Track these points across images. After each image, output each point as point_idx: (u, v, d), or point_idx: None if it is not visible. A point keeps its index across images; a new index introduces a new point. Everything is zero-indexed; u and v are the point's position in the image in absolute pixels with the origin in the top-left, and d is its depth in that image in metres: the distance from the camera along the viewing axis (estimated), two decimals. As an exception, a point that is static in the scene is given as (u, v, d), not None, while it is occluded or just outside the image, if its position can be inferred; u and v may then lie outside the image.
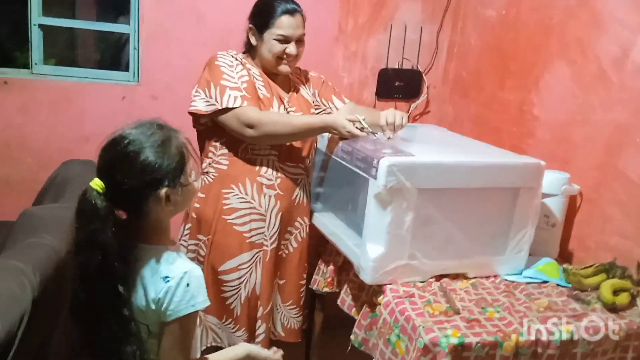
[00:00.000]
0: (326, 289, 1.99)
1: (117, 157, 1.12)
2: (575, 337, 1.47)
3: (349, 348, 1.68)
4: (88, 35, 2.85)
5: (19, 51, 2.58)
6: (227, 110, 1.71)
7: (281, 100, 1.86)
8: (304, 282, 2.01)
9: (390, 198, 1.55)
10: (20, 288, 1.23)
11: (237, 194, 1.81)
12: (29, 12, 2.35)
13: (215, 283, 1.82)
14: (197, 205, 1.84)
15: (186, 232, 1.89)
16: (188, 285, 1.15)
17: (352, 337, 1.66)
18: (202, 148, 1.90)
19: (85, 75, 2.47)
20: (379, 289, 1.63)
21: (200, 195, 1.83)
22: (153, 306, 1.15)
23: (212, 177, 1.84)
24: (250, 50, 1.89)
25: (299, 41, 1.84)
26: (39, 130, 2.38)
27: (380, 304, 1.60)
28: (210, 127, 1.82)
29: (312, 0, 2.50)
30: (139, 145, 1.12)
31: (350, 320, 1.78)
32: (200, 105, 1.75)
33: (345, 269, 1.78)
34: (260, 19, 1.81)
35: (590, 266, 1.73)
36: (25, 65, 2.44)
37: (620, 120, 1.76)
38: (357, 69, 2.67)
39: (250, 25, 1.84)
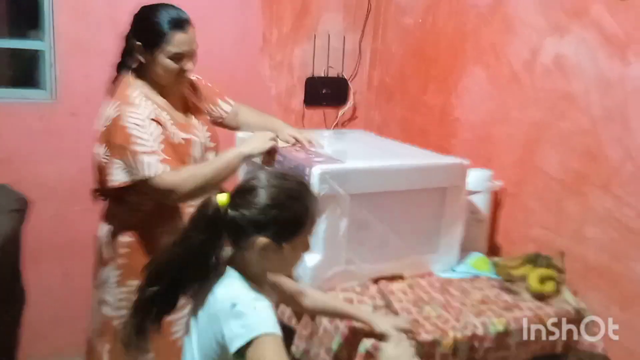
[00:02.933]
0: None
1: (246, 186, 1.13)
2: (509, 328, 1.54)
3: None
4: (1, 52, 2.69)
5: None
6: (149, 178, 1.54)
7: (194, 133, 1.73)
8: None
9: (324, 205, 1.55)
10: None
11: (171, 231, 1.59)
12: None
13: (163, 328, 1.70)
14: (125, 249, 1.68)
15: (115, 279, 1.70)
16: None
17: (292, 348, 1.65)
18: (114, 195, 1.69)
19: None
20: (318, 297, 1.63)
21: (127, 239, 1.68)
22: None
23: (137, 219, 1.68)
24: (139, 68, 1.69)
25: (194, 54, 1.68)
26: (-52, 155, 2.22)
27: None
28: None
29: (234, 10, 2.52)
30: (265, 186, 1.11)
31: (289, 332, 1.77)
32: (122, 177, 1.58)
33: (283, 279, 1.77)
34: (148, 37, 1.62)
35: (518, 258, 1.82)
36: None
37: (535, 118, 1.87)
38: (284, 78, 2.68)
39: (138, 43, 1.63)
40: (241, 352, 1.02)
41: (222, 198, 1.11)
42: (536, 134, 1.87)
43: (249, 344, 1.01)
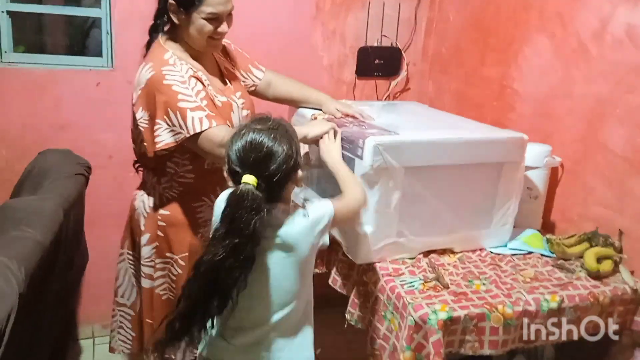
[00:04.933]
0: (315, 270, 1.99)
1: (264, 155, 1.23)
2: (562, 306, 1.50)
3: (345, 325, 1.69)
4: (55, 20, 2.76)
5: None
6: (196, 135, 1.52)
7: (232, 98, 1.71)
8: None
9: (377, 177, 1.55)
10: (6, 284, 1.20)
11: (210, 205, 1.65)
12: (-5, -2, 2.27)
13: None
14: (162, 223, 1.70)
15: (152, 251, 1.73)
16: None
17: (347, 315, 1.68)
18: (153, 166, 1.70)
19: (58, 62, 2.39)
20: (368, 268, 1.64)
21: (165, 212, 1.69)
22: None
23: (176, 192, 1.69)
24: (172, 30, 1.66)
25: (229, 15, 1.63)
26: (13, 120, 2.31)
27: (370, 282, 1.62)
28: (173, 149, 1.61)
29: (288, -23, 2.49)
30: (272, 143, 1.24)
31: (338, 300, 1.79)
32: (167, 138, 1.55)
33: (334, 249, 1.78)
34: None
35: (573, 236, 1.77)
36: (-6, 53, 2.36)
37: (602, 92, 1.78)
38: (336, 48, 2.65)
39: (172, 2, 1.57)
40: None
41: (249, 180, 1.21)
42: (601, 109, 1.78)
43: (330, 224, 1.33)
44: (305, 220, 1.30)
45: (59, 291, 1.78)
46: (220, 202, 1.29)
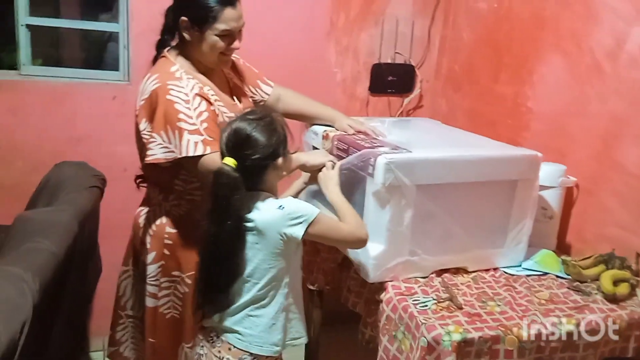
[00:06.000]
0: (326, 287, 1.98)
1: (242, 140, 1.37)
2: (579, 329, 1.48)
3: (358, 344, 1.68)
4: (72, 33, 2.81)
5: (4, 51, 2.54)
6: (188, 157, 1.50)
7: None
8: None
9: (389, 195, 1.54)
10: (20, 295, 1.21)
11: None
12: (15, 12, 2.31)
13: None
14: (169, 241, 1.68)
15: (157, 270, 1.70)
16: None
17: (359, 335, 1.66)
18: (161, 182, 1.68)
19: (75, 75, 2.43)
20: (380, 286, 1.63)
21: (172, 230, 1.68)
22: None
23: (184, 210, 1.68)
24: (181, 45, 1.65)
25: (239, 31, 1.61)
26: (29, 132, 2.35)
27: (382, 301, 1.60)
28: (177, 163, 1.58)
29: (303, -4, 2.52)
30: (250, 130, 1.38)
31: (348, 317, 1.78)
32: (159, 154, 1.54)
33: (345, 266, 1.77)
34: (198, 12, 1.55)
35: (589, 257, 1.74)
36: (12, 66, 2.40)
37: (617, 111, 1.77)
38: (350, 64, 2.66)
39: (184, 19, 1.57)
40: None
41: (228, 162, 1.36)
42: (617, 128, 1.77)
43: (309, 225, 1.39)
44: (279, 211, 1.39)
45: (71, 303, 1.79)
46: None
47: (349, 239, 1.49)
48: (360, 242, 1.49)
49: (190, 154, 1.49)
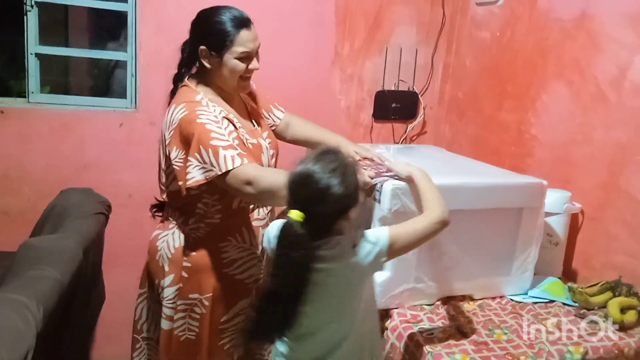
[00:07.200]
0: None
1: (312, 193, 1.21)
2: (586, 358, 1.46)
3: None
4: (80, 61, 2.86)
5: (14, 79, 2.58)
6: (226, 173, 1.51)
7: (260, 140, 1.73)
8: None
9: (395, 222, 1.54)
10: (24, 323, 1.20)
11: (235, 244, 1.69)
12: (25, 41, 2.35)
13: (215, 334, 1.72)
14: (187, 264, 1.68)
15: (175, 293, 1.70)
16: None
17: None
18: (182, 206, 1.70)
19: (83, 103, 2.46)
20: (386, 314, 1.62)
21: (191, 253, 1.68)
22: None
23: (203, 232, 1.68)
24: (201, 74, 1.68)
25: (256, 52, 1.65)
26: (37, 159, 2.36)
27: (387, 329, 1.59)
28: (204, 189, 1.62)
29: (308, 25, 2.56)
30: (328, 181, 1.21)
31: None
32: (198, 175, 1.55)
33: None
34: (216, 39, 1.59)
35: (596, 284, 1.73)
36: (21, 93, 2.43)
37: (621, 139, 1.78)
38: (354, 91, 2.69)
39: (203, 48, 1.61)
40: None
41: (295, 215, 1.20)
42: (622, 155, 1.78)
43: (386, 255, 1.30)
44: (369, 246, 1.29)
45: (75, 330, 1.77)
46: (269, 231, 1.38)
47: (430, 231, 1.38)
48: (442, 224, 1.40)
49: (230, 167, 1.50)
